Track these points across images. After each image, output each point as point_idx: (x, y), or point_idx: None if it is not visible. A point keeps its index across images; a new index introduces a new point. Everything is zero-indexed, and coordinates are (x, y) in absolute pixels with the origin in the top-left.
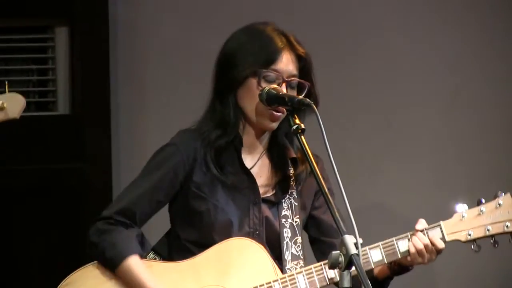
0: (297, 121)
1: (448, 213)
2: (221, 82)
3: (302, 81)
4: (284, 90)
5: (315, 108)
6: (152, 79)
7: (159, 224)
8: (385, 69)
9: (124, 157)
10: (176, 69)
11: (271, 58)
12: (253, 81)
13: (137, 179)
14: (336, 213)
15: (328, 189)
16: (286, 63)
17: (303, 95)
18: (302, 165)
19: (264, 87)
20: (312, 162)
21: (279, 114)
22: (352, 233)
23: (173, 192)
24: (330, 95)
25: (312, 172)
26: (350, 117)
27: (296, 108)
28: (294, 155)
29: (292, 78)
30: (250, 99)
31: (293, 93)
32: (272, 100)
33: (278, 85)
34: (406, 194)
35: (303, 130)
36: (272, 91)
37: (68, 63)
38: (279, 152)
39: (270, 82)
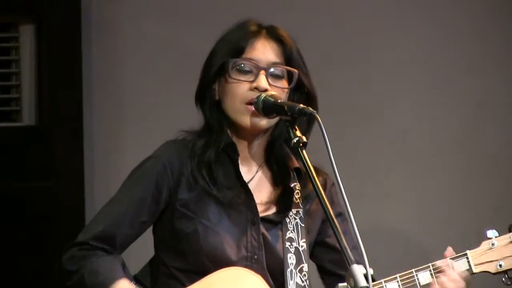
0: (298, 133)
1: (474, 240)
2: (200, 83)
3: (288, 68)
4: (263, 80)
5: (318, 118)
6: (131, 86)
7: (140, 250)
8: (400, 76)
9: (98, 174)
10: (159, 75)
11: (241, 46)
12: (225, 75)
13: (115, 197)
14: (344, 241)
15: (340, 214)
16: (263, 51)
17: (292, 84)
18: (310, 182)
19: (261, 95)
20: (314, 180)
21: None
22: (362, 262)
23: (158, 211)
24: (338, 102)
25: (315, 191)
26: (360, 128)
27: (297, 118)
28: (297, 165)
29: (273, 66)
30: (226, 96)
31: (280, 84)
32: (269, 109)
33: (255, 75)
34: (425, 216)
35: (304, 144)
36: (269, 98)
37: (35, 67)
38: (279, 162)
39: (244, 72)
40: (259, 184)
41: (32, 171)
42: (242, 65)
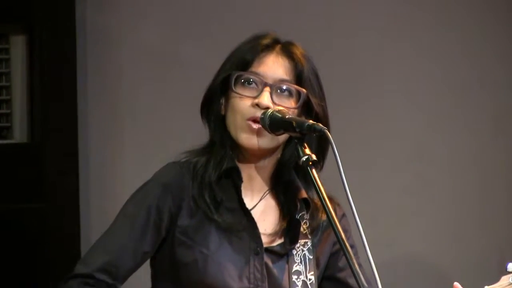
0: (307, 151)
1: (494, 266)
2: (205, 95)
3: (295, 86)
4: (266, 97)
5: (329, 135)
6: (130, 99)
7: (136, 282)
8: (415, 91)
9: (94, 195)
10: (160, 87)
11: (248, 58)
12: (230, 88)
13: (115, 225)
14: (361, 276)
15: (352, 246)
16: (271, 66)
17: (298, 104)
18: (320, 211)
19: (267, 109)
20: (325, 201)
21: (257, 125)
22: None
23: (159, 239)
24: (349, 118)
25: (328, 217)
26: (373, 146)
27: (306, 135)
28: (305, 196)
29: (280, 82)
30: (229, 111)
31: (287, 103)
32: (276, 125)
33: (259, 91)
34: (443, 240)
35: (314, 163)
36: (277, 114)
37: (26, 80)
38: (287, 190)
39: (248, 87)
40: (263, 212)
41: (23, 191)
42: (246, 78)
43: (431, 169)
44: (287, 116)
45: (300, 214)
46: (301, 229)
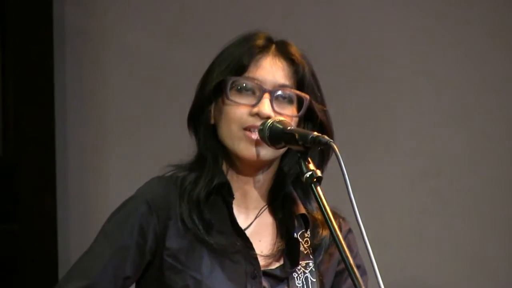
0: (312, 166)
1: None
2: (193, 104)
3: (298, 92)
4: (267, 105)
5: (336, 148)
6: (114, 110)
7: None
8: (433, 105)
9: (74, 216)
10: (147, 95)
11: (243, 62)
12: (223, 95)
13: (93, 247)
14: None
15: (358, 266)
16: (269, 70)
17: (302, 112)
18: (322, 227)
19: (267, 120)
20: (331, 223)
21: (256, 135)
22: None
23: (143, 263)
24: (359, 131)
25: (331, 234)
26: (386, 163)
27: (310, 148)
28: (303, 211)
29: (280, 88)
30: (222, 120)
31: (288, 110)
32: (276, 137)
33: (258, 98)
34: (463, 268)
35: (319, 179)
36: (277, 125)
37: None
38: (286, 206)
39: (245, 94)
40: (259, 232)
41: None
42: (243, 85)
43: (449, 186)
44: (288, 128)
45: (300, 232)
46: (302, 248)
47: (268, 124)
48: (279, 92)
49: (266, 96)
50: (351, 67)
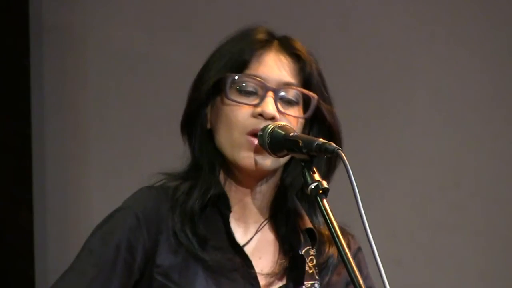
0: (317, 176)
1: None
2: (187, 106)
3: (304, 91)
4: (271, 105)
5: (344, 156)
6: (96, 115)
7: None
8: (451, 113)
9: (52, 232)
10: (133, 98)
11: (244, 58)
12: (221, 95)
13: (76, 263)
14: None
15: None
16: (273, 67)
17: (309, 113)
18: (329, 244)
19: (267, 125)
20: (338, 239)
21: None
22: None
23: (131, 282)
24: (372, 139)
25: (340, 253)
26: (399, 170)
27: (316, 157)
28: (310, 225)
29: (285, 87)
30: (220, 123)
31: (293, 111)
32: (278, 144)
33: (261, 97)
34: (486, 284)
35: (325, 191)
36: (279, 130)
37: None
38: (288, 220)
39: (246, 93)
40: (259, 249)
41: None
42: (244, 83)
43: (470, 199)
44: (291, 134)
45: (305, 249)
46: (307, 267)
47: (269, 130)
48: (284, 91)
49: (270, 95)
50: (362, 68)
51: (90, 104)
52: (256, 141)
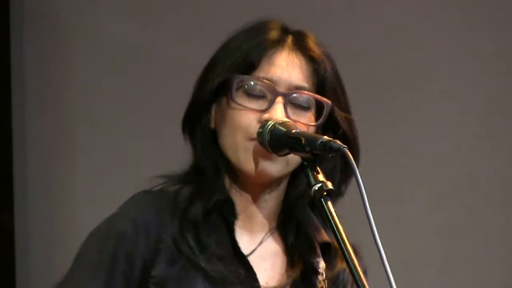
0: (321, 177)
1: None
2: (190, 105)
3: (317, 96)
4: (280, 111)
5: (350, 156)
6: (82, 112)
7: None
8: (465, 111)
9: (35, 237)
10: (123, 94)
11: (253, 58)
12: (227, 96)
13: (68, 278)
14: None
15: None
16: (285, 68)
17: (321, 120)
18: (336, 256)
19: (267, 121)
20: (344, 243)
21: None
22: None
23: None
24: (383, 139)
25: (348, 265)
26: (410, 170)
27: (321, 156)
28: (327, 239)
29: (296, 91)
30: (225, 126)
31: (304, 118)
32: (279, 142)
33: (270, 102)
34: None
35: (329, 193)
36: (280, 127)
37: None
38: (300, 229)
39: (254, 97)
40: (265, 260)
41: None
42: (252, 86)
43: (484, 200)
44: (293, 131)
45: (315, 260)
46: (316, 282)
47: (269, 127)
48: (295, 96)
49: (279, 101)
50: (372, 67)
51: (76, 101)
52: (261, 146)
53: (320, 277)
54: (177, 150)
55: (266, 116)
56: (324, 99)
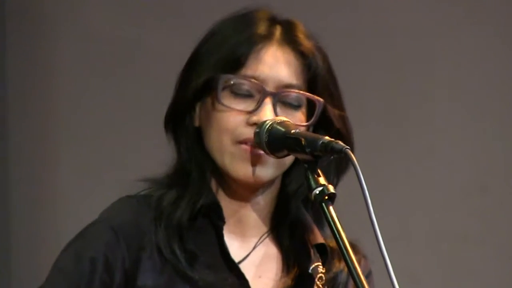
0: (322, 180)
1: None
2: (173, 103)
3: (308, 95)
4: (269, 112)
5: (354, 159)
6: (67, 110)
7: None
8: (478, 113)
9: (15, 245)
10: (109, 91)
11: (239, 55)
12: (212, 96)
13: (46, 284)
14: None
15: None
16: (273, 66)
17: (313, 120)
18: (335, 258)
19: (265, 121)
20: (346, 250)
21: (256, 151)
22: None
23: None
24: (384, 134)
25: (348, 266)
26: (418, 172)
27: (321, 158)
28: (321, 240)
29: (286, 90)
30: (211, 127)
31: (295, 117)
32: (277, 143)
33: (258, 102)
34: None
35: (331, 197)
36: (278, 127)
37: None
38: (294, 232)
39: (241, 97)
40: (259, 266)
41: None
42: (239, 85)
43: (498, 205)
44: (292, 131)
45: (313, 266)
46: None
47: (267, 127)
48: (285, 94)
49: (268, 101)
50: (377, 61)
51: (61, 98)
52: (249, 149)
53: (319, 282)
54: (165, 152)
55: (254, 118)
56: (315, 98)
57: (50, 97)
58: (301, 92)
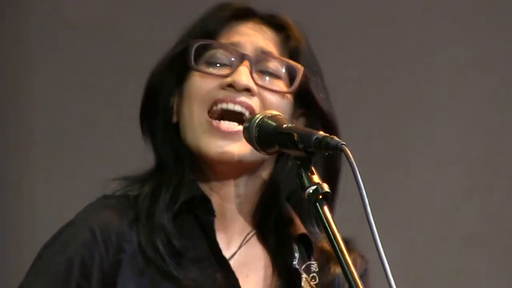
0: (316, 178)
1: None
2: (145, 93)
3: (287, 60)
4: (244, 73)
5: (350, 154)
6: (42, 105)
7: None
8: (482, 97)
9: None
10: (87, 84)
11: (213, 28)
12: (186, 71)
13: (22, 286)
14: None
15: None
16: (249, 34)
17: (294, 86)
18: (331, 261)
19: (256, 115)
20: (342, 253)
21: (229, 123)
22: None
23: None
24: (385, 131)
25: (342, 269)
26: (420, 172)
27: (315, 154)
28: (303, 230)
29: (263, 55)
30: (184, 105)
31: (275, 85)
32: (268, 137)
33: (234, 67)
34: None
35: (326, 196)
36: (269, 121)
37: None
38: (281, 228)
39: (216, 64)
40: (246, 264)
41: None
42: (213, 51)
43: (504, 206)
44: (284, 125)
45: (305, 264)
46: (306, 285)
47: (257, 121)
48: (263, 60)
49: (245, 64)
50: (385, 65)
51: (35, 91)
52: (220, 124)
53: (311, 282)
54: (143, 150)
55: (228, 79)
56: (295, 64)
57: (23, 89)
58: (281, 58)
